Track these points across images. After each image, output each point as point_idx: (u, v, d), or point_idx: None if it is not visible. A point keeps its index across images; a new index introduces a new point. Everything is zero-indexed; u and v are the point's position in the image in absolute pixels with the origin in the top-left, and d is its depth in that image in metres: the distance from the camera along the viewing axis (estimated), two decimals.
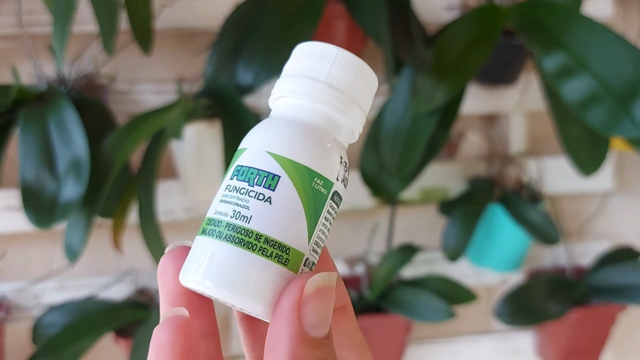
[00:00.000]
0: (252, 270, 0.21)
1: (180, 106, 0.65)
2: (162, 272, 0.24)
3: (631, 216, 1.03)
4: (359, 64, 0.24)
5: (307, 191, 0.22)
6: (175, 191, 0.83)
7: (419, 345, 0.96)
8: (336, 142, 0.24)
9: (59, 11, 0.56)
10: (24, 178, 0.60)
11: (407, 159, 0.70)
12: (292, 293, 0.21)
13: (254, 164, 0.23)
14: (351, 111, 0.24)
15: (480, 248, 0.92)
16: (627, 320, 0.96)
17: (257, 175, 0.22)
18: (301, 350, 0.20)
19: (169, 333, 0.21)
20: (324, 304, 0.21)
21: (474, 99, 0.87)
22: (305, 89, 0.23)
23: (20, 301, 0.84)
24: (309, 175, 0.23)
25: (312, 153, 0.23)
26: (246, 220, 0.22)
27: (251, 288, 0.21)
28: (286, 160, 0.22)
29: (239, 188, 0.22)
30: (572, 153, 0.71)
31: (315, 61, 0.24)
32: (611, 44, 0.63)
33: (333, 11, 0.71)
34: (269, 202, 0.22)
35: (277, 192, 0.22)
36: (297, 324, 0.21)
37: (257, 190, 0.22)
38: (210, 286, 0.22)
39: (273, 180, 0.22)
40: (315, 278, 0.21)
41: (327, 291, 0.21)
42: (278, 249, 0.22)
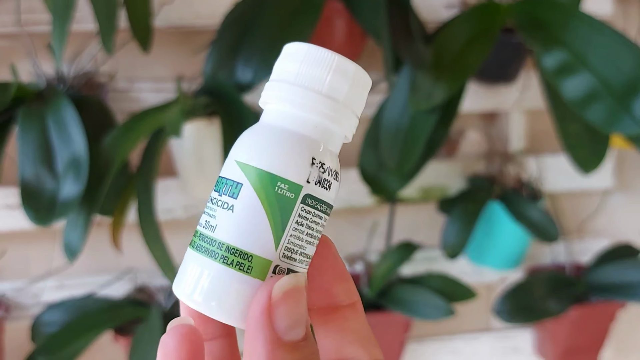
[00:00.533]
0: (219, 278, 0.22)
1: (180, 104, 0.65)
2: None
3: (631, 214, 1.03)
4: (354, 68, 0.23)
5: (269, 197, 0.22)
6: (175, 189, 0.83)
7: (418, 343, 0.96)
8: (307, 142, 0.23)
9: (58, 9, 0.56)
10: (23, 176, 0.60)
11: (407, 156, 0.70)
12: (260, 299, 0.21)
13: (224, 174, 0.23)
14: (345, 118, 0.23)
15: (480, 246, 0.92)
16: (626, 317, 0.96)
17: (224, 185, 0.22)
18: (278, 355, 0.20)
19: (175, 339, 0.22)
20: (294, 306, 0.21)
21: (473, 97, 0.87)
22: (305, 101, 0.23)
23: (20, 299, 0.84)
24: (270, 180, 0.22)
25: (273, 157, 0.22)
26: (212, 230, 0.22)
27: (219, 298, 0.22)
28: (248, 167, 0.22)
29: (212, 198, 0.23)
30: (572, 151, 0.71)
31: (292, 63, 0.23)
32: (611, 41, 0.63)
33: (332, 9, 0.71)
34: (232, 210, 0.22)
35: (239, 199, 0.22)
36: (270, 330, 0.20)
37: (223, 200, 0.22)
38: (197, 300, 0.22)
39: (236, 189, 0.22)
40: (282, 281, 0.21)
41: (296, 292, 0.21)
42: (239, 257, 0.22)
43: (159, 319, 0.72)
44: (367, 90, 0.24)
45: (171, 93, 0.80)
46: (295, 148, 0.23)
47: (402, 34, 0.68)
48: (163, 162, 0.73)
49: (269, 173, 0.22)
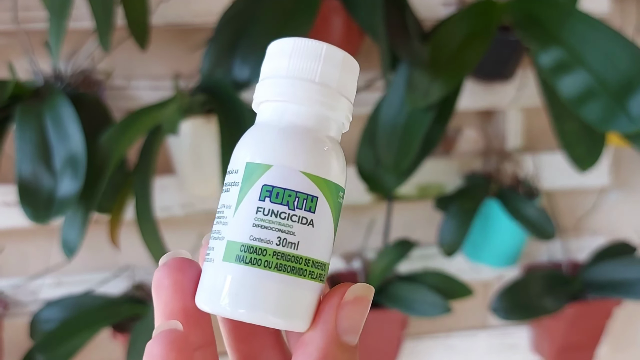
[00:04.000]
0: (304, 294, 0.22)
1: (177, 102, 0.65)
2: (157, 286, 0.23)
3: (627, 212, 1.03)
4: (342, 55, 0.24)
5: (335, 206, 0.23)
6: (172, 187, 0.83)
7: (415, 341, 0.96)
8: (338, 144, 0.24)
9: (55, 7, 0.56)
10: (20, 174, 0.60)
11: (404, 154, 0.70)
12: (333, 298, 0.22)
13: (289, 186, 0.22)
14: (343, 106, 0.24)
15: (477, 243, 0.92)
16: (622, 315, 0.97)
17: (296, 198, 0.22)
18: (332, 349, 0.21)
19: (162, 347, 0.21)
20: (358, 312, 0.22)
21: (470, 95, 0.87)
22: (306, 93, 0.23)
23: (18, 297, 0.84)
24: (336, 191, 0.23)
25: (338, 169, 0.23)
26: (294, 247, 0.22)
27: (302, 310, 0.22)
28: (321, 180, 0.22)
29: (278, 212, 0.22)
30: (569, 149, 0.71)
31: (302, 59, 0.23)
32: (607, 39, 0.63)
33: (329, 7, 0.71)
34: (312, 225, 0.22)
35: (317, 213, 0.22)
36: (332, 326, 0.22)
37: (300, 215, 0.22)
38: (271, 319, 0.22)
39: (312, 202, 0.22)
40: (357, 287, 0.22)
41: (364, 301, 0.22)
42: (320, 269, 0.23)
43: None
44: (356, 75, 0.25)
45: (168, 91, 0.80)
46: (340, 154, 0.24)
47: (399, 31, 0.68)
48: (160, 159, 0.73)
49: (335, 184, 0.23)
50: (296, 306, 0.22)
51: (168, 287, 0.23)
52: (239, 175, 0.23)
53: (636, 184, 1.03)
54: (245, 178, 0.22)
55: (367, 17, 0.68)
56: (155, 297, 0.23)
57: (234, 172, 0.23)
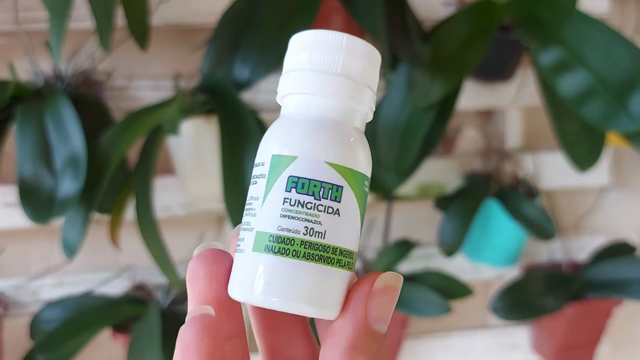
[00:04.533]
0: (333, 282, 0.22)
1: (177, 102, 0.65)
2: (193, 277, 0.23)
3: (627, 211, 1.03)
4: (365, 45, 0.24)
5: (360, 195, 0.23)
6: (173, 187, 0.83)
7: (416, 340, 0.96)
8: (363, 134, 0.24)
9: (56, 7, 0.56)
10: (21, 174, 0.60)
11: (404, 154, 0.70)
12: (363, 287, 0.22)
13: (315, 176, 0.22)
14: (367, 97, 0.24)
15: (477, 243, 0.92)
16: (622, 314, 0.97)
17: (321, 188, 0.22)
18: (361, 338, 0.22)
19: (195, 332, 0.21)
20: (388, 301, 0.22)
21: (470, 95, 0.87)
22: (330, 86, 0.23)
23: (18, 297, 0.84)
24: (362, 180, 0.23)
25: (362, 157, 0.23)
26: (321, 236, 0.22)
27: (332, 298, 0.22)
28: (346, 170, 0.23)
29: (305, 202, 0.22)
30: (569, 148, 0.71)
31: (324, 52, 0.23)
32: (607, 38, 0.63)
33: (329, 6, 0.71)
34: (338, 215, 0.22)
35: (342, 202, 0.23)
36: (363, 314, 0.22)
37: (326, 204, 0.22)
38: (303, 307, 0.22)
39: (338, 192, 0.22)
40: (387, 275, 0.23)
41: (393, 290, 0.23)
42: (348, 257, 0.23)
43: (157, 317, 0.72)
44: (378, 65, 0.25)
45: (169, 91, 0.80)
46: (365, 144, 0.24)
47: (399, 31, 0.68)
48: (161, 159, 0.73)
49: (361, 174, 0.23)
50: (326, 294, 0.22)
51: (203, 278, 0.23)
52: (265, 168, 0.23)
53: (636, 183, 1.03)
54: (271, 170, 0.23)
55: (367, 17, 0.68)
56: (189, 288, 0.24)
57: (261, 164, 0.23)
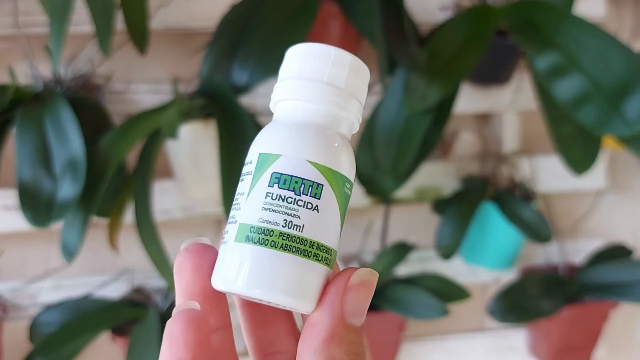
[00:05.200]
0: (311, 275, 0.23)
1: (176, 106, 0.66)
2: (179, 269, 0.24)
3: (623, 214, 1.04)
4: (352, 59, 0.26)
5: (341, 196, 0.24)
6: (171, 190, 0.83)
7: (413, 343, 0.96)
8: (348, 142, 0.25)
9: (55, 12, 0.56)
10: (20, 177, 0.61)
11: (401, 158, 0.70)
12: (338, 282, 0.23)
13: (296, 173, 0.23)
14: (352, 106, 0.25)
15: (474, 246, 0.92)
16: (619, 317, 0.97)
17: (302, 185, 0.23)
18: (338, 329, 0.23)
19: (182, 324, 0.22)
20: (363, 296, 0.23)
21: (467, 99, 0.88)
22: (316, 92, 0.25)
23: (17, 300, 0.84)
24: (342, 181, 0.24)
25: (345, 161, 0.25)
26: (299, 230, 0.23)
27: (309, 291, 0.23)
28: (327, 169, 0.24)
29: (285, 197, 0.23)
30: (565, 152, 0.71)
31: (313, 62, 0.25)
32: (602, 43, 0.63)
33: (327, 11, 0.72)
34: (317, 211, 0.24)
35: (322, 200, 0.24)
36: (339, 308, 0.23)
37: (305, 200, 0.23)
38: (274, 295, 0.23)
39: (318, 189, 0.24)
40: (362, 271, 0.24)
41: (368, 285, 0.24)
42: (325, 253, 0.24)
43: (156, 320, 0.72)
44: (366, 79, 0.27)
45: (168, 95, 0.80)
46: (350, 151, 0.25)
47: (396, 36, 0.69)
48: (160, 163, 0.73)
49: (342, 175, 0.24)
50: (303, 286, 0.23)
51: (188, 270, 0.24)
52: (252, 165, 0.24)
53: (632, 186, 1.04)
54: (257, 167, 0.24)
55: (364, 21, 0.69)
56: (176, 280, 0.25)
57: (249, 163, 0.25)
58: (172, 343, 0.22)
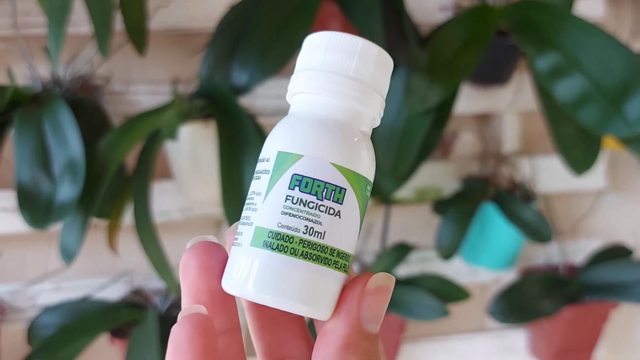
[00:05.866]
0: (328, 282, 0.22)
1: (176, 107, 0.66)
2: (185, 268, 0.24)
3: (624, 214, 1.04)
4: (378, 51, 0.24)
5: (362, 199, 0.23)
6: (171, 192, 0.83)
7: (413, 344, 0.96)
8: (369, 139, 0.24)
9: (54, 12, 0.56)
10: (19, 179, 0.60)
11: (402, 158, 0.70)
12: (356, 287, 0.23)
13: (319, 176, 0.22)
14: (376, 101, 0.24)
15: (474, 247, 0.92)
16: (619, 317, 0.97)
17: (324, 189, 0.22)
18: (354, 337, 0.22)
19: (187, 330, 0.21)
20: (380, 302, 0.23)
21: (467, 99, 0.87)
22: (339, 87, 0.23)
23: (16, 302, 0.84)
24: (364, 184, 0.23)
25: (367, 162, 0.23)
26: (320, 237, 0.22)
27: (325, 298, 0.22)
28: (350, 173, 0.23)
29: (307, 201, 0.22)
30: (565, 152, 0.71)
31: (337, 54, 0.23)
32: (603, 43, 0.63)
33: (327, 11, 0.72)
34: (339, 217, 0.22)
35: (344, 205, 0.22)
36: (355, 315, 0.22)
37: (327, 205, 0.22)
38: (297, 306, 0.22)
39: (340, 194, 0.22)
40: (379, 276, 0.23)
41: (385, 291, 0.23)
42: (344, 259, 0.23)
43: (155, 322, 0.72)
44: (390, 71, 0.25)
45: (167, 96, 0.80)
46: (370, 149, 0.24)
47: (396, 36, 0.68)
48: (159, 164, 0.73)
49: (364, 177, 0.23)
50: (320, 294, 0.22)
51: (194, 268, 0.23)
52: (269, 164, 0.23)
53: (632, 186, 1.04)
54: (276, 166, 0.23)
55: (364, 22, 0.68)
56: (182, 278, 0.24)
57: (265, 160, 0.23)
58: (177, 350, 0.21)
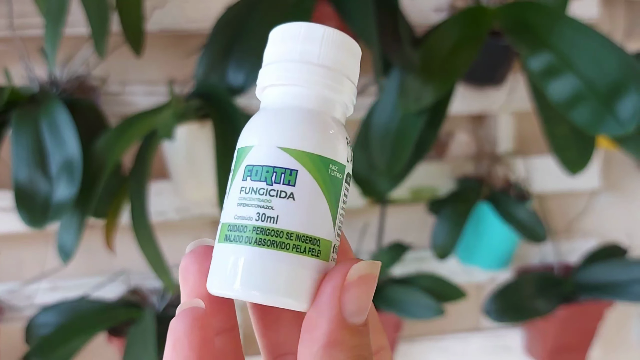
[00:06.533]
0: (291, 268, 0.21)
1: (172, 107, 0.66)
2: (184, 272, 0.24)
3: (618, 214, 1.04)
4: (342, 37, 0.24)
5: (325, 180, 0.22)
6: (167, 192, 0.83)
7: (409, 343, 0.97)
8: (338, 122, 0.24)
9: (51, 13, 0.56)
10: (16, 179, 0.61)
11: (397, 158, 0.70)
12: (334, 279, 0.21)
13: (267, 162, 0.22)
14: (344, 87, 0.24)
15: (469, 246, 0.92)
16: (614, 316, 0.98)
17: (273, 173, 0.22)
18: (339, 334, 0.21)
19: (186, 324, 0.21)
20: (365, 292, 0.21)
21: (462, 99, 0.88)
22: (295, 74, 0.23)
23: (13, 302, 0.84)
24: (323, 164, 0.22)
25: (322, 141, 0.22)
26: (273, 221, 0.21)
27: (292, 286, 0.21)
28: (300, 153, 0.22)
29: (257, 189, 0.22)
30: (559, 152, 0.72)
31: (298, 43, 0.23)
32: (596, 44, 0.64)
33: (322, 12, 0.72)
34: (292, 198, 0.22)
35: (297, 186, 0.22)
36: (337, 309, 0.21)
37: (278, 189, 0.22)
38: (254, 294, 0.21)
39: (291, 176, 0.22)
40: (360, 265, 0.21)
41: (370, 279, 0.22)
42: (310, 243, 0.22)
43: (152, 321, 0.72)
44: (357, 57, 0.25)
45: (163, 96, 0.80)
46: (337, 131, 0.23)
47: (391, 37, 0.69)
48: (156, 164, 0.73)
49: (321, 156, 0.22)
50: (284, 281, 0.21)
51: (194, 274, 0.23)
52: (233, 162, 0.23)
53: (626, 186, 1.04)
54: (236, 163, 0.23)
55: (359, 22, 0.69)
56: (182, 283, 0.24)
57: (232, 160, 0.24)
58: (176, 343, 0.21)
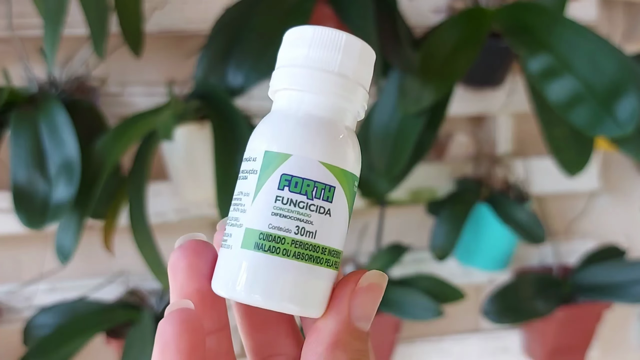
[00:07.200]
0: (322, 282, 0.22)
1: (171, 108, 0.66)
2: (173, 269, 0.23)
3: (617, 215, 1.04)
4: (361, 45, 0.24)
5: (350, 195, 0.23)
6: (166, 193, 0.83)
7: (408, 344, 0.97)
8: (354, 134, 0.24)
9: (50, 14, 0.56)
10: (15, 180, 0.61)
11: (396, 159, 0.70)
12: (347, 285, 0.23)
13: (308, 176, 0.22)
14: (359, 96, 0.24)
15: (468, 247, 0.92)
16: (612, 318, 0.98)
17: (314, 188, 0.22)
18: (344, 335, 0.22)
19: (174, 327, 0.20)
20: (371, 299, 0.23)
21: (461, 101, 0.88)
22: (324, 85, 0.23)
23: (12, 303, 0.84)
24: (352, 180, 0.23)
25: (353, 158, 0.23)
26: (312, 236, 0.22)
27: (317, 296, 0.22)
28: (338, 170, 0.23)
29: (297, 201, 0.22)
30: (558, 153, 0.72)
31: (321, 49, 0.23)
32: (594, 45, 0.64)
33: (321, 14, 0.72)
34: (329, 215, 0.22)
35: (334, 203, 0.22)
36: (346, 312, 0.22)
37: (318, 204, 0.22)
38: (290, 307, 0.22)
39: (330, 192, 0.22)
40: (371, 274, 0.23)
41: (377, 288, 0.23)
42: (335, 257, 0.23)
43: (151, 322, 0.72)
44: (372, 64, 0.25)
45: (162, 97, 0.80)
46: (356, 144, 0.24)
47: (390, 38, 0.69)
48: (155, 165, 0.73)
49: (352, 174, 0.23)
50: (312, 293, 0.22)
51: (183, 270, 0.23)
52: (257, 164, 0.23)
53: (625, 187, 1.05)
54: (263, 166, 0.22)
55: (359, 24, 0.69)
56: (171, 279, 0.23)
57: (252, 159, 0.23)
58: (164, 348, 0.20)
